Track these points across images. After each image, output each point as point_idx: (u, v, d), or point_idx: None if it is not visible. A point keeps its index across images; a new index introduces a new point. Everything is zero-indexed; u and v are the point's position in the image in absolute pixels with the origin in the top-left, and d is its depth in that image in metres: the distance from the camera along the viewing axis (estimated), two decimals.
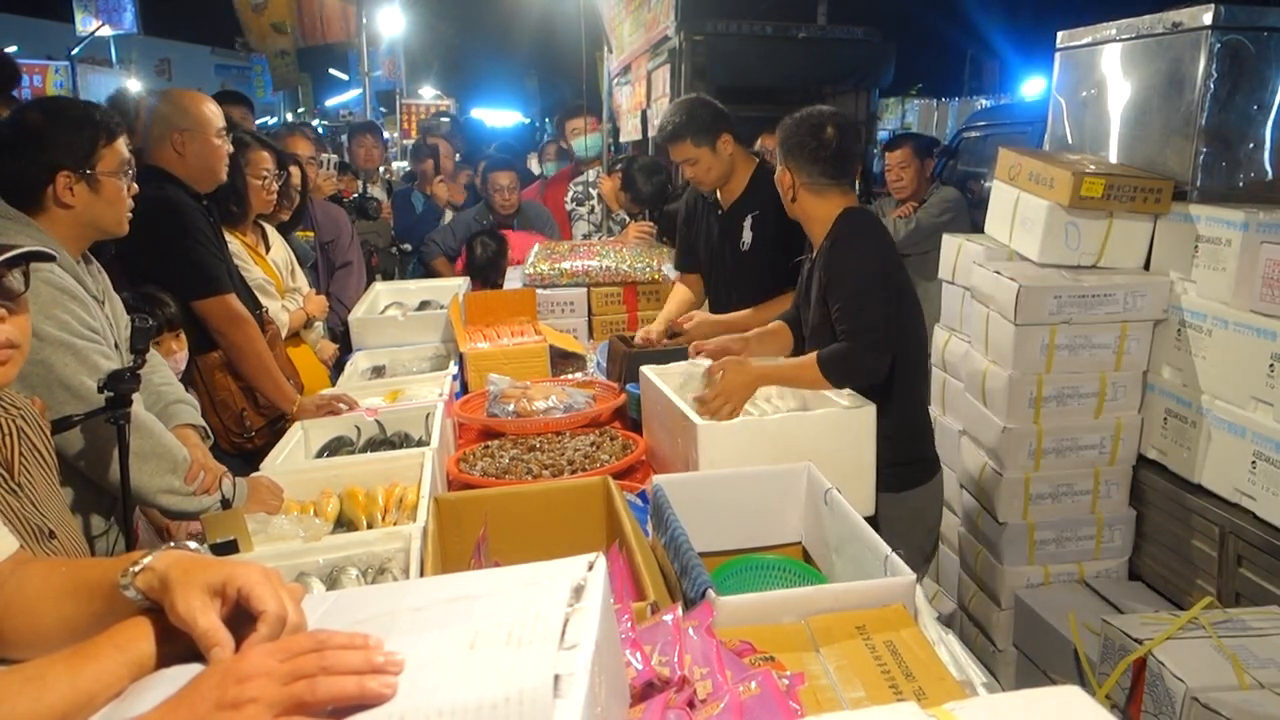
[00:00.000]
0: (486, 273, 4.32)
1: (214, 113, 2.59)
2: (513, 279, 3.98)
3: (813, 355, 2.17)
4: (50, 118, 1.85)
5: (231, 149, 2.66)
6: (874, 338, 2.17)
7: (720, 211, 3.06)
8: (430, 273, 4.93)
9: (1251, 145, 2.62)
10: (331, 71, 23.84)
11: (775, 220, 2.89)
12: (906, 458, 2.35)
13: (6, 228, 1.74)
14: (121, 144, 1.90)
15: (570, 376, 3.12)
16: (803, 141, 2.31)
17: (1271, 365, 2.31)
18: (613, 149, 7.16)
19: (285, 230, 3.44)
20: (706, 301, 3.32)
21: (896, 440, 2.28)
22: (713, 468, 1.90)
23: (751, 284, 3.02)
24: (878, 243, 2.30)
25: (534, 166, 7.50)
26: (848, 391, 2.16)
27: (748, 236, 2.99)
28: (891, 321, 2.21)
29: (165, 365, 2.21)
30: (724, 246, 3.06)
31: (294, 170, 3.44)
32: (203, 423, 2.14)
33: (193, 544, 1.50)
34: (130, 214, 1.95)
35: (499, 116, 19.05)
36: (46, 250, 1.24)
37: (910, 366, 2.34)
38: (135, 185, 1.96)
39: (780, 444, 1.96)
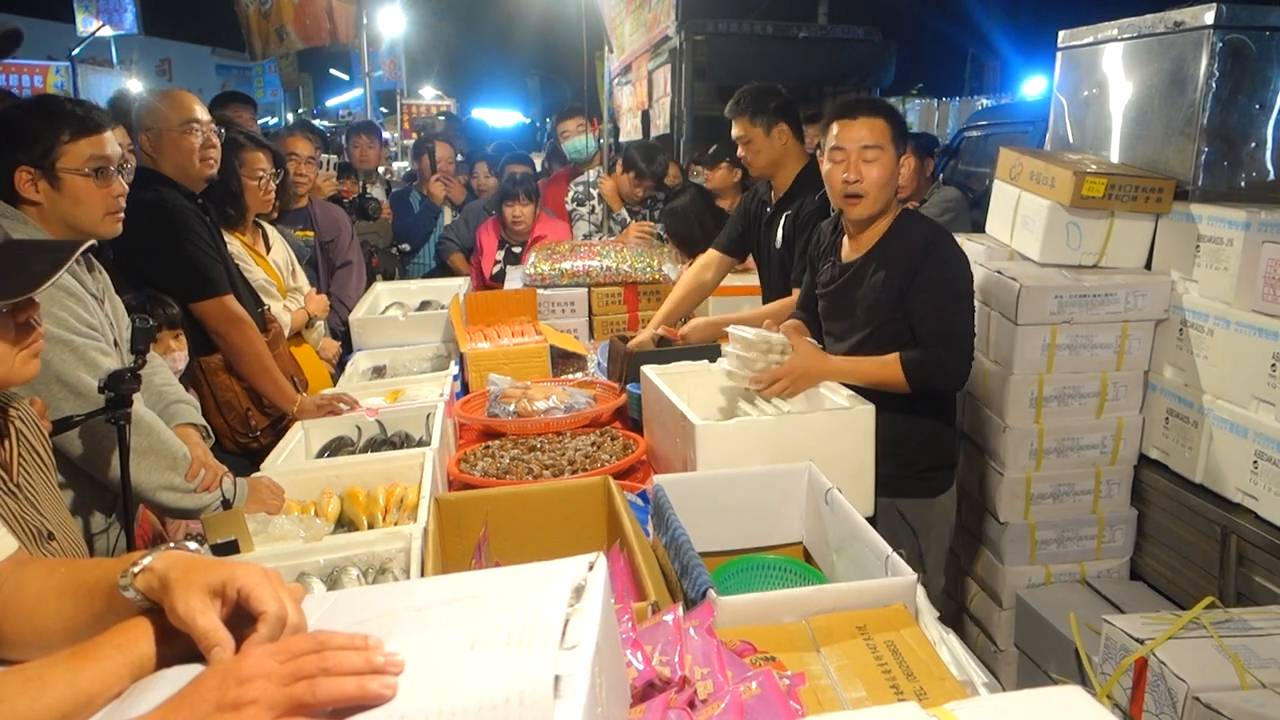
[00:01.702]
0: (516, 192, 4.34)
1: (177, 105, 2.52)
2: (513, 279, 3.97)
3: (895, 356, 2.19)
4: (20, 113, 1.83)
5: (215, 142, 2.59)
6: (967, 346, 2.23)
7: (769, 208, 3.13)
8: (448, 270, 4.95)
9: (1253, 145, 2.62)
10: (332, 72, 23.87)
11: (805, 224, 2.92)
12: (944, 461, 2.43)
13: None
14: (97, 141, 1.84)
15: (571, 376, 3.12)
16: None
17: (1273, 365, 2.31)
18: (613, 149, 7.16)
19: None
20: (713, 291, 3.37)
21: (941, 445, 2.40)
22: (711, 468, 1.89)
23: (782, 283, 3.08)
24: (963, 253, 2.32)
25: (535, 164, 7.50)
26: (847, 392, 2.16)
27: (779, 236, 3.05)
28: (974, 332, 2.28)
29: (166, 366, 2.20)
30: (768, 242, 3.14)
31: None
32: (203, 422, 2.14)
33: (193, 544, 1.50)
34: (122, 215, 1.92)
35: (500, 116, 19.06)
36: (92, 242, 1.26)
37: None
38: (122, 185, 1.91)
39: (779, 444, 1.95)
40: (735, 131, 3.05)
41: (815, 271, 2.56)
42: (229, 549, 1.63)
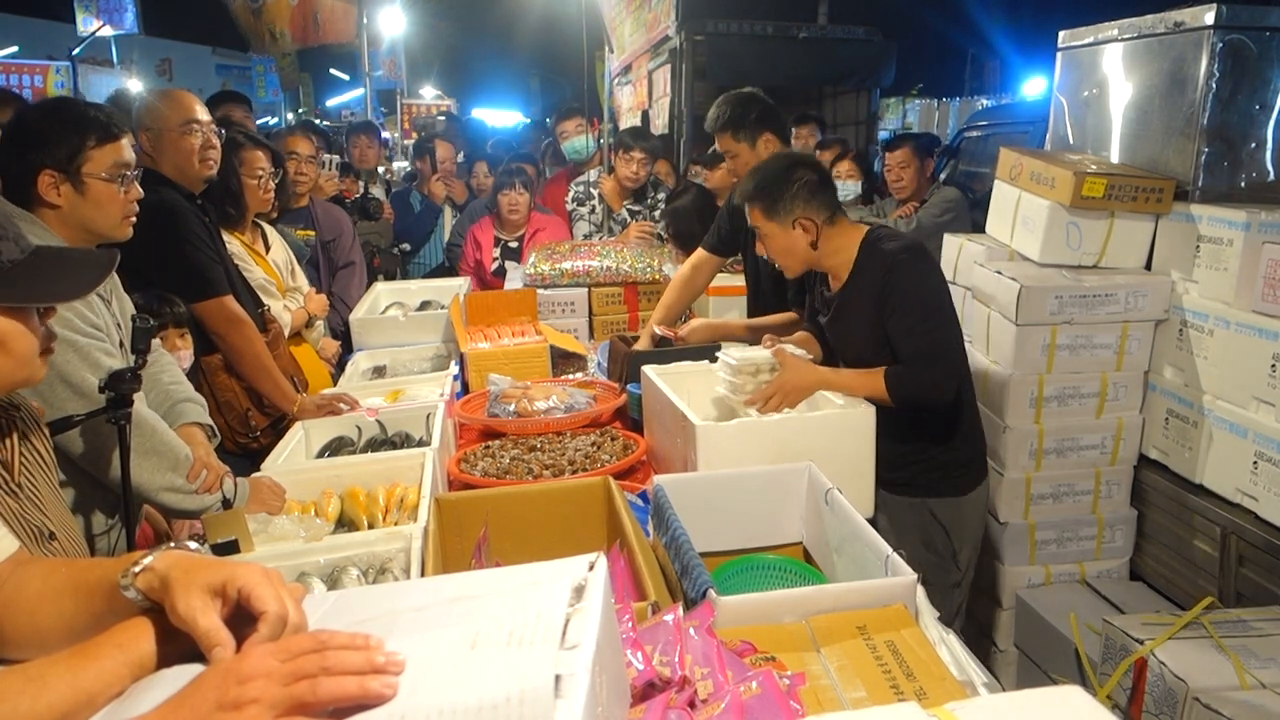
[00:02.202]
0: (511, 180, 4.38)
1: (178, 106, 2.51)
2: (514, 279, 3.98)
3: (880, 370, 2.19)
4: (42, 116, 1.85)
5: (215, 143, 2.58)
6: (947, 360, 2.22)
7: None
8: (454, 272, 4.95)
9: (1253, 145, 2.62)
10: (332, 71, 23.85)
11: None
12: (973, 458, 2.43)
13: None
14: (118, 147, 1.87)
15: (571, 376, 3.12)
16: (807, 185, 2.26)
17: (1273, 365, 2.31)
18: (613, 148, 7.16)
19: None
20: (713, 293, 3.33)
21: (969, 444, 2.40)
22: (711, 468, 1.90)
23: (775, 297, 3.04)
24: (934, 264, 2.31)
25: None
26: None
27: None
28: (958, 343, 2.28)
29: (175, 365, 2.20)
30: (755, 250, 3.08)
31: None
32: (209, 421, 2.14)
33: (193, 544, 1.51)
34: (134, 219, 1.94)
35: (500, 116, 19.06)
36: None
37: (965, 374, 2.39)
38: (138, 190, 1.93)
39: (779, 444, 1.96)
40: (719, 147, 3.00)
41: (813, 295, 2.54)
42: (229, 549, 1.63)
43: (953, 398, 2.25)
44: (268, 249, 3.15)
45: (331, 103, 24.49)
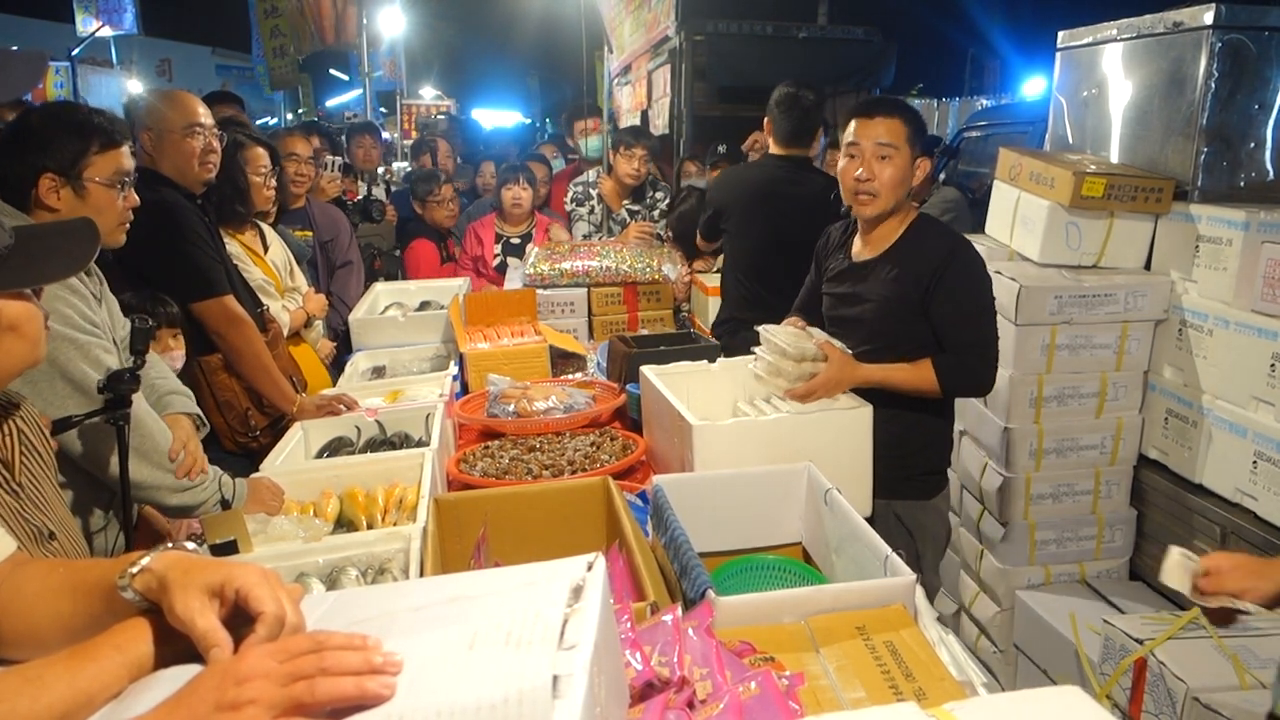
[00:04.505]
0: (515, 176, 4.47)
1: (181, 108, 2.52)
2: (513, 279, 3.97)
3: (927, 362, 2.19)
4: (46, 119, 1.86)
5: (216, 147, 2.58)
6: (994, 352, 2.24)
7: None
8: None
9: (1253, 145, 2.62)
10: (332, 72, 23.83)
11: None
12: (940, 465, 2.40)
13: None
14: (119, 154, 1.88)
15: (570, 377, 3.12)
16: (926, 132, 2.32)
17: (1272, 365, 2.31)
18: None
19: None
20: None
21: (938, 448, 2.38)
22: (709, 468, 1.89)
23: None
24: (983, 260, 2.33)
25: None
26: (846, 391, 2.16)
27: None
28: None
29: (161, 361, 2.20)
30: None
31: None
32: (197, 410, 2.12)
33: (191, 545, 1.50)
34: (128, 226, 1.95)
35: (500, 117, 19.07)
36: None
37: None
38: (135, 197, 1.95)
39: (778, 444, 1.95)
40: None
41: (821, 270, 2.51)
42: (228, 549, 1.63)
43: (990, 389, 2.29)
44: (266, 249, 3.15)
45: (331, 103, 24.47)
